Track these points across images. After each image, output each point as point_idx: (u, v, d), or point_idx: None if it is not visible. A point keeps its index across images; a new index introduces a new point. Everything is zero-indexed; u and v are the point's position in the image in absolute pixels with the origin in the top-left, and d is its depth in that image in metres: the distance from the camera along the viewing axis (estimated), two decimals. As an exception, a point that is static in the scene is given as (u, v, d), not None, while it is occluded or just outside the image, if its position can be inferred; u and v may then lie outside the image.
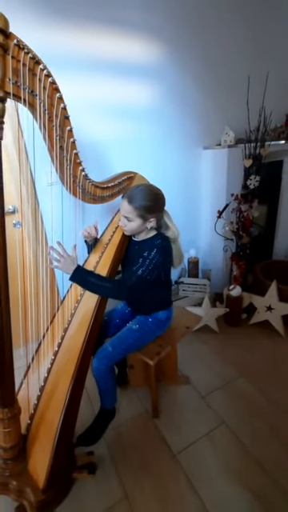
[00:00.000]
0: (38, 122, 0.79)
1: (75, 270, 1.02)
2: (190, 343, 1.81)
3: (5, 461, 0.95)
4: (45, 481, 0.88)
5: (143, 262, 1.01)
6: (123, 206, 1.04)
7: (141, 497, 1.02)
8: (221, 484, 1.05)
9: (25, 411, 0.98)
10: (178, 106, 1.83)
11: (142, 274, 1.01)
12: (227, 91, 1.99)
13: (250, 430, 1.25)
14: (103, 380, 1.11)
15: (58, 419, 0.93)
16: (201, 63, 1.83)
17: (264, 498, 1.00)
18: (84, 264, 1.22)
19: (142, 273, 1.01)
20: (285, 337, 1.85)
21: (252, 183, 1.81)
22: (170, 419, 1.32)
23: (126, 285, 1.02)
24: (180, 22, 1.69)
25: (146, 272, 1.01)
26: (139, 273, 1.01)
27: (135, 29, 1.55)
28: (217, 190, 2.04)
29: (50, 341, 1.10)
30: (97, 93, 1.52)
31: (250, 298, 1.99)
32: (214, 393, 1.46)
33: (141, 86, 1.66)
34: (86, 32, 1.42)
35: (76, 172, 0.93)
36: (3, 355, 0.85)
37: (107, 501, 1.02)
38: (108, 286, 1.03)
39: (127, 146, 1.70)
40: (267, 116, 1.77)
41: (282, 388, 1.47)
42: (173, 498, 1.02)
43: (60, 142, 0.85)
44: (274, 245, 2.63)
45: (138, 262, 1.02)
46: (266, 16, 2.04)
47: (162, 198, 1.08)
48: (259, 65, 2.00)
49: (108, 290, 1.03)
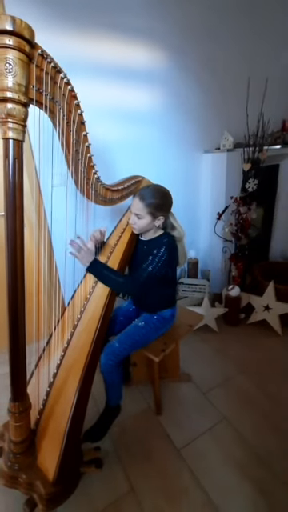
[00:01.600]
0: (57, 127, 0.83)
1: (92, 261, 1.08)
2: (191, 342, 1.85)
3: (14, 455, 0.97)
4: (55, 474, 0.91)
5: (153, 259, 1.06)
6: (134, 203, 1.10)
7: (146, 489, 1.06)
8: (223, 476, 1.10)
9: (34, 406, 1.00)
10: (178, 110, 1.89)
11: (152, 270, 1.06)
12: (227, 97, 2.06)
13: (250, 425, 1.30)
14: (110, 375, 1.14)
15: (68, 414, 0.95)
16: (202, 69, 1.90)
17: (265, 488, 1.05)
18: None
19: (152, 269, 1.05)
20: (282, 335, 1.92)
21: (251, 186, 1.87)
22: (172, 415, 1.36)
23: (138, 281, 1.07)
24: (182, 30, 1.74)
25: (155, 269, 1.06)
26: (149, 269, 1.06)
27: (139, 35, 1.60)
28: (216, 193, 2.11)
29: (60, 337, 1.13)
30: (101, 97, 1.56)
31: (248, 297, 2.05)
32: (215, 389, 1.50)
33: (143, 91, 1.71)
34: (90, 38, 1.46)
35: (89, 175, 0.97)
36: (17, 350, 0.87)
37: (114, 494, 1.05)
38: (121, 281, 1.08)
39: (130, 150, 1.75)
40: (265, 122, 1.84)
41: (279, 384, 1.53)
42: (178, 489, 1.06)
43: (76, 146, 0.89)
44: (270, 246, 2.72)
45: (147, 260, 1.07)
46: (265, 25, 2.12)
47: (170, 197, 1.13)
48: (258, 72, 2.07)
49: (120, 284, 1.09)
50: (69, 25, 1.39)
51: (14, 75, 0.69)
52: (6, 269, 0.80)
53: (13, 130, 0.73)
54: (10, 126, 0.72)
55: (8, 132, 0.72)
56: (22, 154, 0.76)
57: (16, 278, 0.81)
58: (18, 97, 0.70)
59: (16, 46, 0.67)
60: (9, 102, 0.70)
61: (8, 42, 0.66)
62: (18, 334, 0.85)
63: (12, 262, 0.80)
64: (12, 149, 0.74)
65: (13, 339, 0.85)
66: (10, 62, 0.68)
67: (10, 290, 0.82)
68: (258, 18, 2.07)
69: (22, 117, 0.73)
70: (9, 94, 0.70)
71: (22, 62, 0.69)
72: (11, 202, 0.77)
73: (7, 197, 0.76)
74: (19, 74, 0.70)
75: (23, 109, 0.73)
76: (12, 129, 0.72)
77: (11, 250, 0.79)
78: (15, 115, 0.72)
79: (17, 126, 0.73)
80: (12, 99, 0.70)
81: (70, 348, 1.08)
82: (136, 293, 1.10)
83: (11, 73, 0.69)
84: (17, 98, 0.70)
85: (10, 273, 0.81)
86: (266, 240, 2.69)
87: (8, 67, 0.68)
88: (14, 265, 0.80)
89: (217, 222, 2.04)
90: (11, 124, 0.72)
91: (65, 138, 0.86)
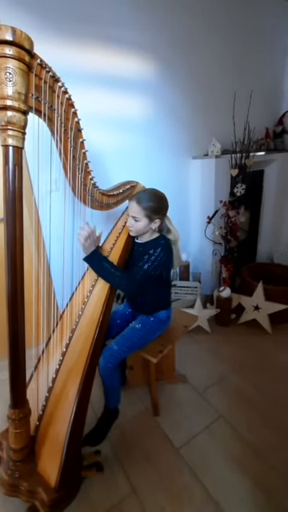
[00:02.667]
0: (56, 134, 0.84)
1: (94, 251, 1.10)
2: (185, 344, 1.88)
3: (14, 462, 0.96)
4: (56, 480, 0.90)
5: (149, 258, 1.09)
6: (132, 206, 1.12)
7: (148, 489, 1.07)
8: (222, 472, 1.12)
9: (33, 412, 0.99)
10: (168, 118, 1.95)
11: (148, 268, 1.08)
12: (213, 106, 2.14)
13: (246, 421, 1.34)
14: (109, 378, 1.15)
15: (69, 419, 0.95)
16: (189, 80, 1.97)
17: (262, 480, 1.09)
18: (87, 269, 1.27)
19: (147, 268, 1.08)
20: (272, 334, 1.99)
21: (239, 191, 1.95)
22: (170, 416, 1.38)
23: (134, 278, 1.10)
24: (171, 42, 1.81)
25: (151, 267, 1.08)
26: (145, 267, 1.08)
27: (131, 47, 1.65)
28: (205, 198, 2.17)
29: (58, 342, 1.13)
30: (94, 105, 1.59)
31: (238, 298, 2.11)
32: (210, 389, 1.54)
33: (135, 99, 1.76)
34: (85, 48, 1.50)
35: (86, 180, 0.99)
36: (17, 356, 0.87)
37: (116, 496, 1.05)
38: (118, 275, 1.10)
39: (122, 156, 1.78)
40: (251, 130, 1.93)
41: (271, 380, 1.58)
42: (178, 488, 1.07)
43: (73, 153, 0.91)
44: (257, 248, 2.81)
45: (143, 259, 1.10)
46: (249, 41, 2.23)
47: (166, 200, 1.17)
48: (243, 84, 2.19)
49: (118, 279, 1.10)
50: (64, 36, 1.42)
51: (14, 84, 0.71)
52: (6, 275, 0.80)
53: (13, 137, 0.74)
54: (10, 133, 0.73)
55: (8, 139, 0.73)
56: (21, 160, 0.77)
57: (16, 285, 0.81)
58: (18, 105, 0.72)
59: (16, 55, 0.69)
60: (9, 110, 0.72)
61: (8, 51, 0.68)
62: (18, 338, 0.85)
63: (12, 268, 0.80)
64: (12, 155, 0.75)
65: (12, 344, 0.85)
66: (11, 72, 0.70)
67: (9, 296, 0.82)
68: (244, 35, 2.18)
69: (21, 124, 0.74)
70: (9, 102, 0.71)
71: (21, 71, 0.71)
72: (11, 208, 0.77)
73: (7, 203, 0.77)
74: (19, 83, 0.71)
75: (23, 116, 0.74)
76: (12, 136, 0.74)
77: (11, 256, 0.80)
78: (15, 123, 0.73)
79: (17, 134, 0.74)
80: (12, 107, 0.71)
81: (68, 352, 1.08)
82: (132, 290, 1.11)
83: (11, 82, 0.71)
84: (17, 106, 0.72)
85: (9, 279, 0.80)
86: (253, 242, 2.79)
87: (8, 76, 0.70)
88: (13, 271, 0.80)
89: (207, 225, 2.10)
90: (11, 131, 0.73)
91: (63, 145, 0.88)
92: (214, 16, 1.96)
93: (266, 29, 2.31)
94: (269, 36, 2.35)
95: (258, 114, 2.25)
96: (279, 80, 2.57)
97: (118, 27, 1.58)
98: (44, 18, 1.34)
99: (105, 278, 1.14)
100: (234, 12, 2.06)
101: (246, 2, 2.11)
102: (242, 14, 2.11)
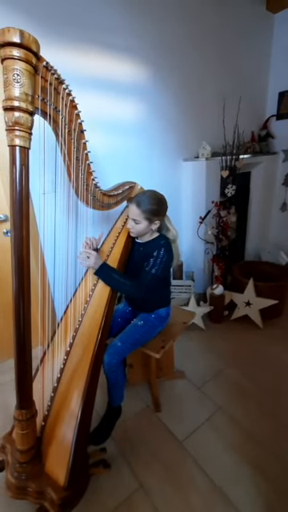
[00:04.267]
0: (60, 135, 0.86)
1: (102, 265, 1.11)
2: (181, 341, 1.92)
3: (21, 464, 0.95)
4: (65, 479, 0.91)
5: (155, 262, 1.11)
6: (131, 209, 1.14)
7: (154, 483, 1.09)
8: (225, 461, 1.17)
9: (38, 413, 0.99)
10: (160, 121, 2.00)
11: (156, 272, 1.11)
12: (203, 110, 2.22)
13: (243, 411, 1.39)
14: (114, 374, 1.16)
15: (76, 418, 0.96)
16: (180, 85, 2.03)
17: (263, 466, 1.14)
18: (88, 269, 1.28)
19: (155, 271, 1.11)
20: (263, 328, 2.07)
21: (229, 192, 2.02)
22: (171, 411, 1.41)
23: (143, 283, 1.12)
24: (162, 48, 1.87)
25: (159, 271, 1.11)
26: (153, 271, 1.11)
27: (124, 52, 1.69)
28: (197, 198, 2.23)
29: (62, 341, 1.13)
30: (88, 108, 1.60)
31: (230, 295, 2.19)
32: (208, 383, 1.58)
33: (127, 102, 1.79)
34: (81, 53, 1.52)
35: (88, 181, 1.01)
36: (23, 357, 0.87)
37: (124, 492, 1.06)
38: (128, 284, 1.12)
39: (116, 158, 1.81)
40: (240, 133, 2.02)
41: (264, 372, 1.65)
42: (184, 479, 1.10)
43: (76, 154, 0.93)
44: (245, 247, 2.92)
45: (149, 262, 1.12)
46: (236, 48, 2.33)
47: (166, 203, 1.20)
48: (231, 89, 2.29)
49: (128, 287, 1.13)
50: (61, 40, 1.44)
51: (21, 85, 0.72)
52: (13, 277, 0.80)
53: (20, 138, 0.75)
54: (17, 133, 0.74)
55: (15, 139, 0.74)
56: (28, 161, 0.77)
57: (23, 285, 0.81)
58: (25, 106, 0.73)
59: (24, 57, 0.70)
60: (16, 111, 0.72)
61: (16, 53, 0.69)
62: (25, 338, 0.85)
63: (19, 268, 0.80)
64: (19, 156, 0.75)
65: (19, 344, 0.84)
66: (18, 73, 0.71)
67: (16, 296, 0.81)
68: (231, 42, 2.27)
69: (28, 125, 0.75)
70: (16, 103, 0.72)
71: (28, 72, 0.72)
72: (18, 209, 0.78)
73: (14, 203, 0.77)
74: (26, 84, 0.73)
75: (30, 117, 0.75)
76: (19, 136, 0.74)
77: (18, 256, 0.79)
78: (22, 123, 0.74)
79: (23, 134, 0.75)
80: (19, 108, 0.72)
81: (72, 352, 1.09)
82: (142, 295, 1.14)
83: (19, 83, 0.72)
84: (24, 107, 0.73)
85: (16, 281, 0.80)
86: (242, 241, 2.89)
87: (16, 77, 0.71)
88: (20, 272, 0.80)
89: (199, 225, 2.16)
90: (18, 132, 0.74)
91: (66, 146, 0.89)
92: (203, 24, 2.03)
93: (251, 38, 2.42)
94: (253, 44, 2.46)
95: (244, 118, 2.34)
96: (263, 86, 2.69)
97: (112, 33, 1.61)
98: (43, 24, 1.37)
99: (115, 288, 1.16)
100: (221, 22, 2.15)
101: (232, 12, 2.20)
102: (228, 23, 2.21)
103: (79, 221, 1.16)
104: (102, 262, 1.13)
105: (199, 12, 1.99)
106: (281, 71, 2.59)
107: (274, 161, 2.70)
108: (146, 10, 1.72)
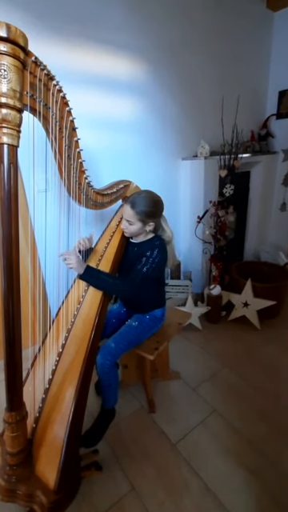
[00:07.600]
0: (50, 133, 0.84)
1: (86, 268, 1.07)
2: (177, 341, 1.91)
3: (11, 467, 0.94)
4: (56, 482, 0.90)
5: (147, 261, 1.09)
6: (126, 210, 1.12)
7: (147, 486, 1.08)
8: (219, 464, 1.15)
9: (29, 415, 0.98)
10: (158, 120, 1.97)
11: (147, 271, 1.09)
12: (202, 109, 2.19)
13: (238, 414, 1.38)
14: (107, 376, 1.15)
15: (67, 420, 0.94)
16: (178, 83, 2.01)
17: (257, 469, 1.13)
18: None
19: (146, 270, 1.09)
20: (260, 330, 2.05)
21: (227, 191, 2.00)
22: (165, 412, 1.39)
23: (134, 282, 1.10)
24: (161, 45, 1.84)
25: (150, 270, 1.10)
26: (144, 270, 1.09)
27: (122, 49, 1.67)
28: (194, 198, 2.21)
29: (54, 342, 1.11)
30: (84, 106, 1.59)
31: (228, 296, 2.17)
32: (204, 384, 1.57)
33: (125, 100, 1.77)
34: (77, 49, 1.50)
35: (81, 180, 0.99)
36: (13, 358, 0.85)
37: (115, 495, 1.05)
38: (118, 283, 1.10)
39: (113, 157, 1.79)
40: (239, 133, 1.99)
41: (260, 374, 1.64)
42: (177, 483, 1.09)
43: (68, 152, 0.91)
44: (244, 247, 2.89)
45: (141, 261, 1.10)
46: (236, 48, 2.30)
47: (162, 205, 1.18)
48: (230, 88, 2.26)
49: (118, 287, 1.11)
50: (57, 36, 1.42)
51: (8, 81, 0.70)
52: (2, 276, 0.79)
53: (8, 136, 0.73)
54: (5, 131, 0.72)
55: (3, 137, 0.72)
56: (17, 159, 0.76)
57: (12, 285, 0.80)
58: (13, 102, 0.71)
59: (11, 52, 0.68)
60: (3, 108, 0.70)
61: (3, 48, 0.67)
62: (14, 338, 0.84)
63: (8, 268, 0.78)
64: (7, 154, 0.73)
65: (8, 345, 0.83)
66: (5, 68, 0.69)
67: (5, 296, 0.80)
68: (231, 41, 2.25)
69: (16, 122, 0.73)
70: (3, 100, 0.70)
71: (16, 68, 0.70)
72: (7, 208, 0.76)
73: (2, 202, 0.76)
74: (14, 80, 0.70)
75: (18, 114, 0.73)
76: (7, 134, 0.72)
77: (6, 256, 0.78)
78: (10, 120, 0.72)
79: (12, 132, 0.73)
80: (7, 105, 0.70)
81: (64, 352, 1.07)
82: (133, 294, 1.12)
83: (6, 79, 0.70)
84: (12, 104, 0.71)
85: (5, 279, 0.79)
86: (241, 241, 2.87)
87: (3, 73, 0.69)
88: (9, 272, 0.79)
89: (197, 225, 2.14)
90: (6, 129, 0.72)
91: (57, 143, 0.87)
92: (202, 23, 2.01)
93: (251, 36, 2.39)
94: (253, 42, 2.43)
95: (244, 117, 2.32)
96: (263, 85, 2.66)
97: (110, 30, 1.58)
98: (36, 19, 1.34)
99: (106, 290, 1.12)
100: (221, 20, 2.12)
101: (232, 10, 2.17)
102: (228, 21, 2.18)
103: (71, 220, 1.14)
104: (85, 265, 1.08)
105: (199, 10, 1.96)
106: (281, 70, 2.56)
107: (273, 160, 2.68)
108: (145, 7, 1.69)
